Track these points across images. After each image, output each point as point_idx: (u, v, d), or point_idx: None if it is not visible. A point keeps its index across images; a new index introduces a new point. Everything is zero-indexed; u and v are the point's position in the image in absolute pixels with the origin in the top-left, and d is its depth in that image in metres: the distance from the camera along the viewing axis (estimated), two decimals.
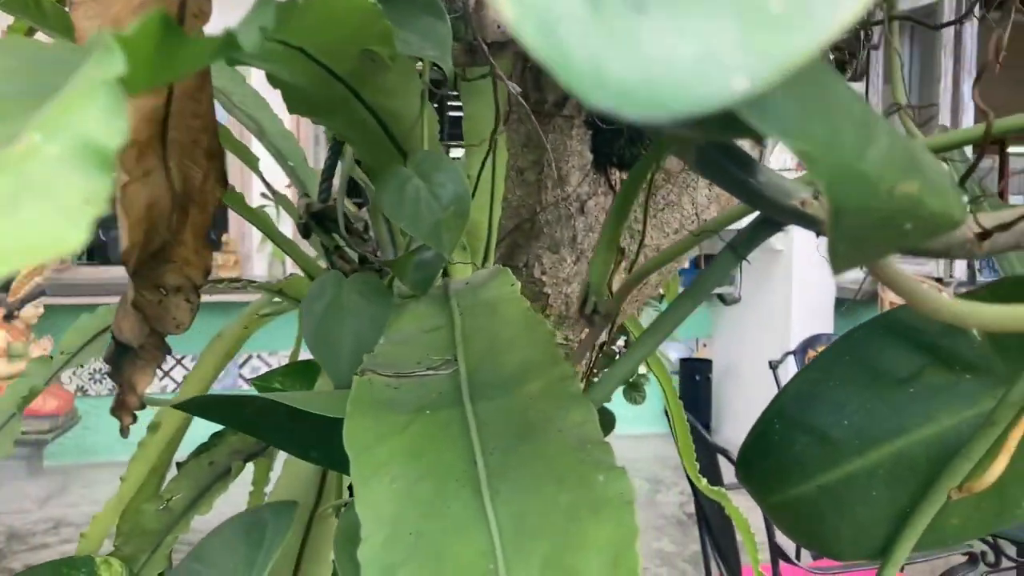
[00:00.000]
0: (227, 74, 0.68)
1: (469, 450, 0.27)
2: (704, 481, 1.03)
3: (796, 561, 1.66)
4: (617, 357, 1.15)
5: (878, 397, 0.34)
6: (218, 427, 0.63)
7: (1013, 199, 5.46)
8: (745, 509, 1.06)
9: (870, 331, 0.35)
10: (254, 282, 0.75)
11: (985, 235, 0.27)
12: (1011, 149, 5.46)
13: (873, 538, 0.34)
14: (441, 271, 0.49)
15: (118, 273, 0.82)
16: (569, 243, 0.75)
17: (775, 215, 0.28)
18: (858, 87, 4.56)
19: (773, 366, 2.75)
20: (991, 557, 1.82)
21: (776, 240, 4.35)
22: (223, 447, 0.64)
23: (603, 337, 0.70)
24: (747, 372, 4.79)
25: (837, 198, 0.18)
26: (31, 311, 3.75)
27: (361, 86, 0.43)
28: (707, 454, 1.71)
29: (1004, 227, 0.26)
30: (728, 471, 1.99)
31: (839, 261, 0.20)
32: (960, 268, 4.14)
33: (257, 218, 0.64)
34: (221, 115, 0.48)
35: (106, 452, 4.07)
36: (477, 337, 0.35)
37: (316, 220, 0.55)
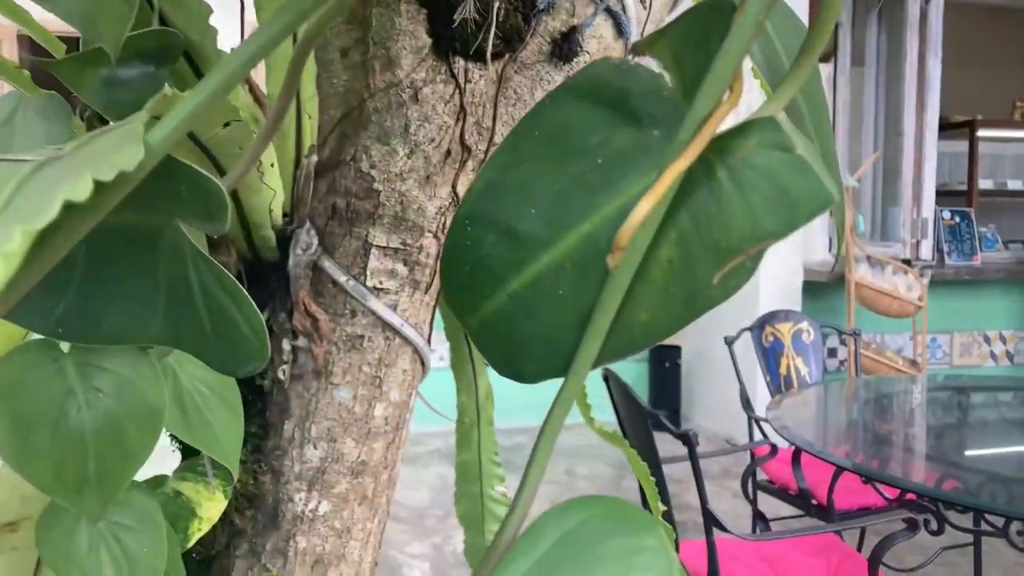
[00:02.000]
0: None
1: None
2: (597, 422, 0.97)
3: (731, 531, 1.61)
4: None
5: (566, 175, 0.28)
6: None
7: (983, 183, 5.44)
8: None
9: (560, 97, 0.29)
10: None
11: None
12: (982, 133, 5.45)
13: (561, 349, 0.28)
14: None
15: None
16: (401, 134, 0.68)
17: None
18: (826, 69, 4.53)
19: (729, 342, 2.70)
20: (934, 525, 1.77)
21: None
22: None
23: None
24: (717, 358, 4.74)
25: None
26: None
27: None
28: (640, 418, 1.65)
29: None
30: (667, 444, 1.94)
31: None
32: (927, 249, 4.12)
33: None
34: None
35: None
36: None
37: None
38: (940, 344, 5.07)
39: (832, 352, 4.93)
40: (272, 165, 0.56)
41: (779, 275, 4.23)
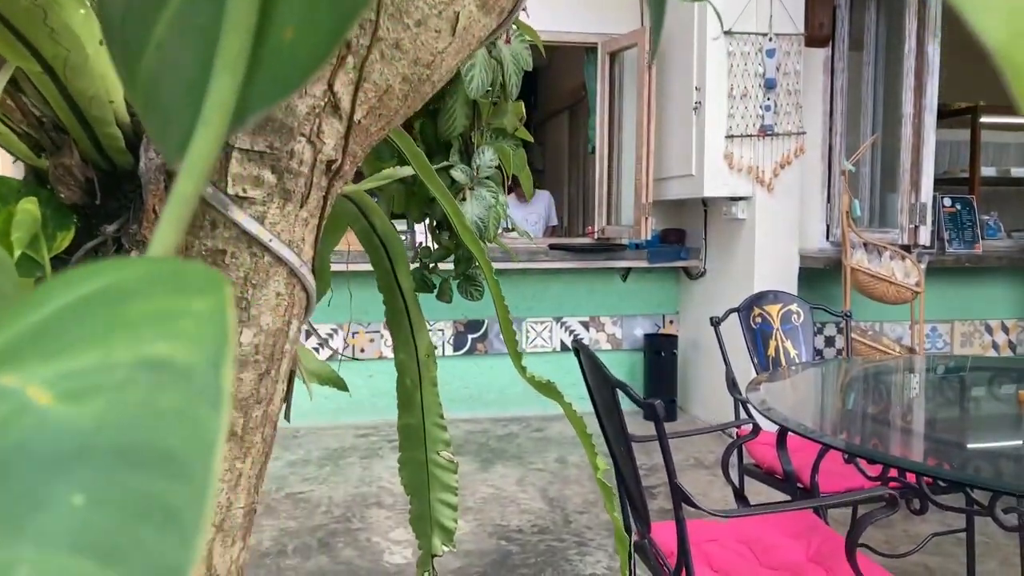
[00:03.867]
0: None
1: None
2: (529, 372, 0.91)
3: (699, 506, 1.54)
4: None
5: None
6: None
7: (986, 171, 5.35)
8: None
9: None
10: None
11: None
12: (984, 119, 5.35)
13: (195, 101, 0.21)
14: None
15: None
16: None
17: None
18: (823, 53, 4.44)
19: (715, 323, 2.63)
20: (917, 504, 1.69)
21: (739, 209, 4.22)
22: None
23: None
24: (712, 348, 4.66)
25: None
26: None
27: None
28: (608, 389, 1.59)
29: None
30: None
31: None
32: (925, 235, 4.03)
33: None
34: None
35: None
36: None
37: None
38: (941, 333, 4.97)
39: (830, 341, 4.85)
40: (101, 43, 0.49)
41: (775, 262, 4.15)
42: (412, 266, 1.04)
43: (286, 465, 3.92)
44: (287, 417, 0.93)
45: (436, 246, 1.00)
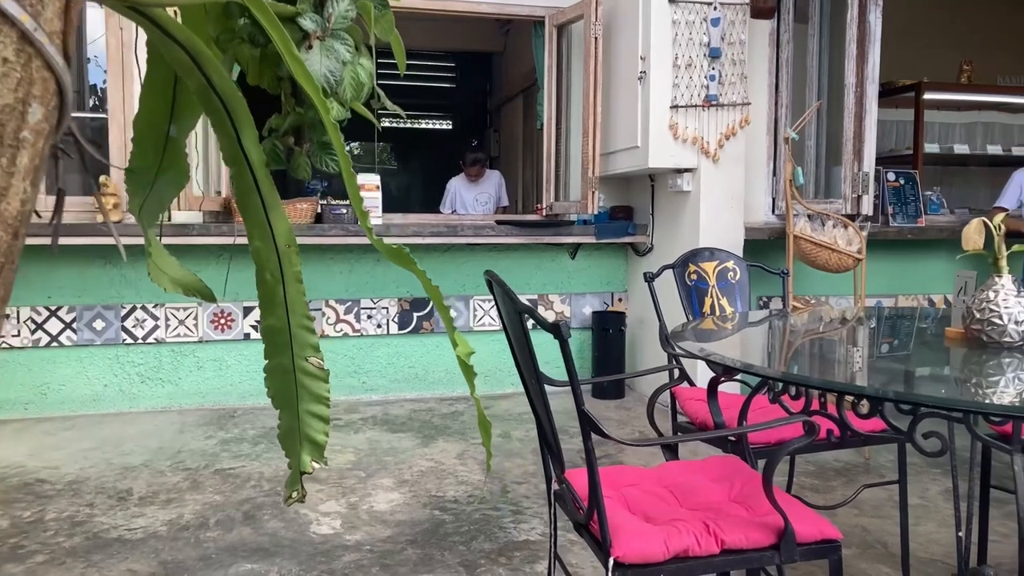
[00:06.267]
0: None
1: None
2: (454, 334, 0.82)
3: (607, 435, 1.46)
4: None
5: None
6: None
7: (930, 147, 5.38)
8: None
9: None
10: None
11: None
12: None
13: None
14: None
15: None
16: None
17: None
18: (769, 25, 4.41)
19: (648, 279, 2.56)
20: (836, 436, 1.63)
21: (684, 181, 4.18)
22: None
23: None
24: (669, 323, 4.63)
25: None
26: None
27: None
28: (516, 314, 1.50)
29: None
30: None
31: None
32: (867, 205, 4.03)
33: None
34: None
35: None
36: None
37: None
38: (885, 307, 5.00)
39: (769, 306, 4.83)
40: None
41: (721, 233, 4.11)
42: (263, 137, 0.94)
43: (219, 443, 3.77)
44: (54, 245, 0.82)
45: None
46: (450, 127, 10.83)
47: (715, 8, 4.02)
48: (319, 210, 4.37)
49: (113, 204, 3.98)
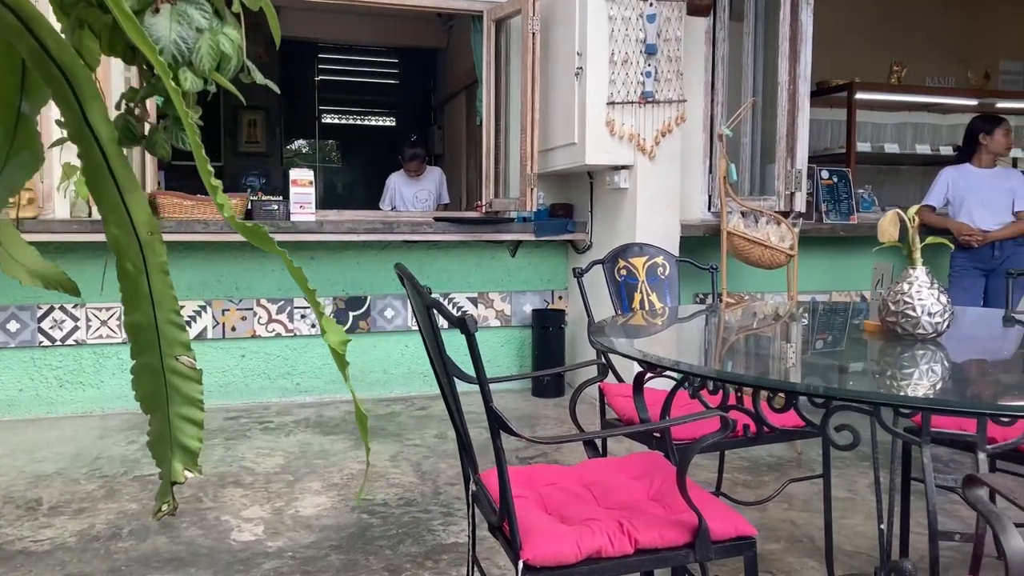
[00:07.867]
0: None
1: None
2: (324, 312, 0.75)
3: (516, 432, 1.41)
4: None
5: None
6: None
7: (861, 146, 5.48)
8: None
9: None
10: None
11: None
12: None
13: None
14: None
15: None
16: None
17: None
18: (705, 23, 4.43)
19: (578, 275, 2.52)
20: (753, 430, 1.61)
21: (621, 178, 4.16)
22: None
23: None
24: (600, 319, 4.60)
25: None
26: None
27: None
28: (424, 307, 1.43)
29: None
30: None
31: None
32: (800, 202, 4.07)
33: None
34: None
35: None
36: None
37: None
38: (819, 303, 5.07)
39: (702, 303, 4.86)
40: None
41: (657, 230, 4.11)
42: (114, 113, 0.86)
43: (141, 448, 3.61)
44: None
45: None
46: (394, 124, 10.69)
47: (651, 4, 4.02)
48: (249, 206, 4.23)
49: (28, 200, 3.78)
